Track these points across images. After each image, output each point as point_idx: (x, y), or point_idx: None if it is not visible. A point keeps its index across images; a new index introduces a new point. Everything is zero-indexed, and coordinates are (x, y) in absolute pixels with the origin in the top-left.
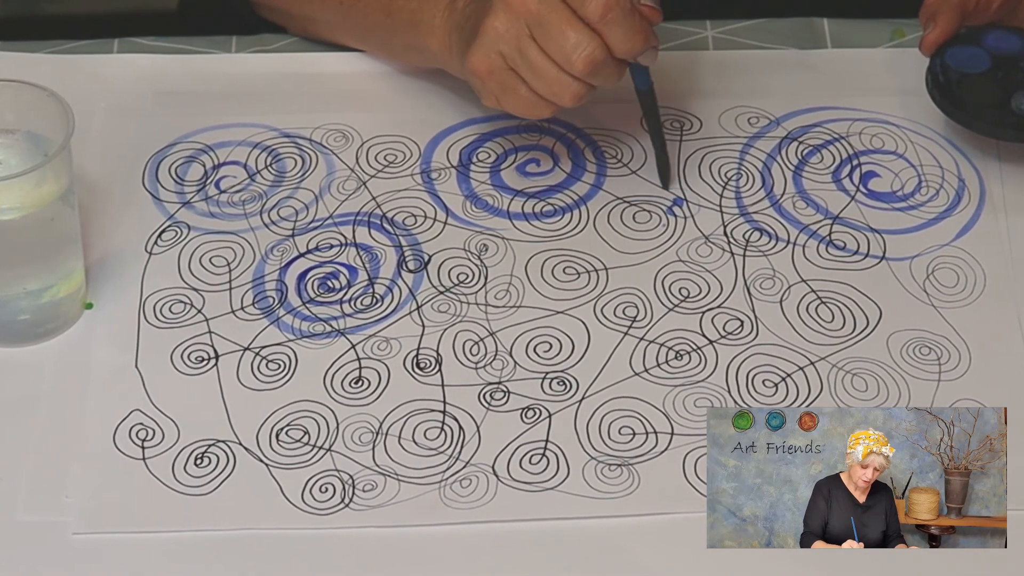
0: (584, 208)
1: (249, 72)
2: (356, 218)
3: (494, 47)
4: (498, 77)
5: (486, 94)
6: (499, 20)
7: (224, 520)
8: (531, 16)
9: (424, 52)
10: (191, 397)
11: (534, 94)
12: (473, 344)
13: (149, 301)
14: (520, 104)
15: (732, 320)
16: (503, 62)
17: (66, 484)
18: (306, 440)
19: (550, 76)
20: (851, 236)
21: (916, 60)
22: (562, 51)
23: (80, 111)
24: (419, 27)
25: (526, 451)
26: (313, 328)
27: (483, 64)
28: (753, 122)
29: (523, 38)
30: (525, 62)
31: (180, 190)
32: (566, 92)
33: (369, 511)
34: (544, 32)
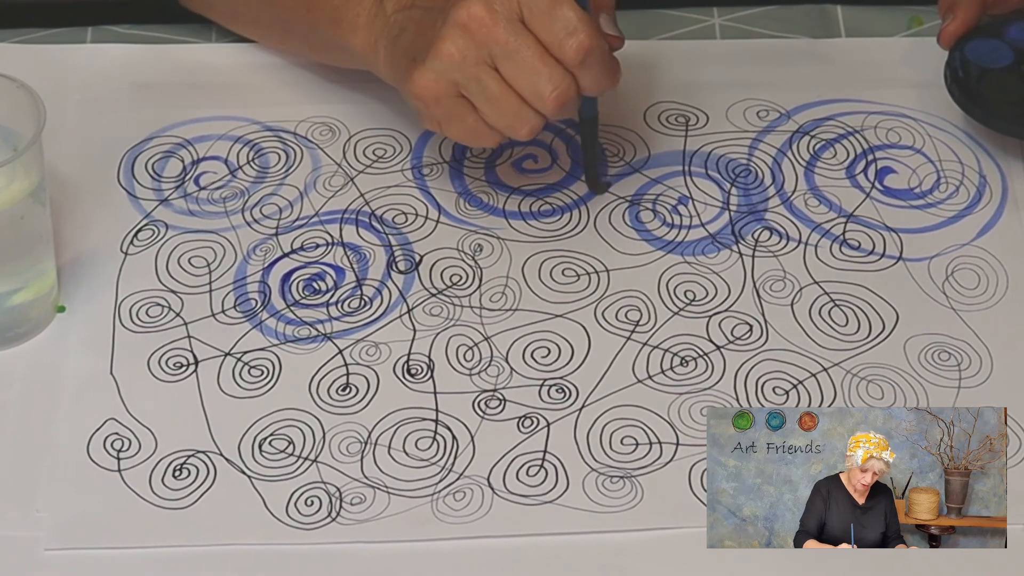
0: (584, 207)
1: (230, 62)
2: (343, 216)
3: (447, 73)
4: (446, 104)
5: (428, 118)
6: (455, 45)
7: (204, 535)
8: (497, 45)
9: (346, 51)
10: (169, 405)
11: (483, 123)
12: (467, 349)
13: (125, 304)
14: (466, 132)
15: (740, 324)
16: (454, 89)
17: (37, 498)
18: (291, 451)
19: (509, 108)
20: (866, 235)
21: (934, 50)
22: (533, 87)
23: (52, 103)
24: (341, 24)
25: (523, 462)
26: (298, 332)
27: (431, 89)
28: (763, 115)
29: (481, 66)
30: (482, 91)
31: (157, 187)
32: (524, 125)
33: (357, 526)
34: (513, 65)
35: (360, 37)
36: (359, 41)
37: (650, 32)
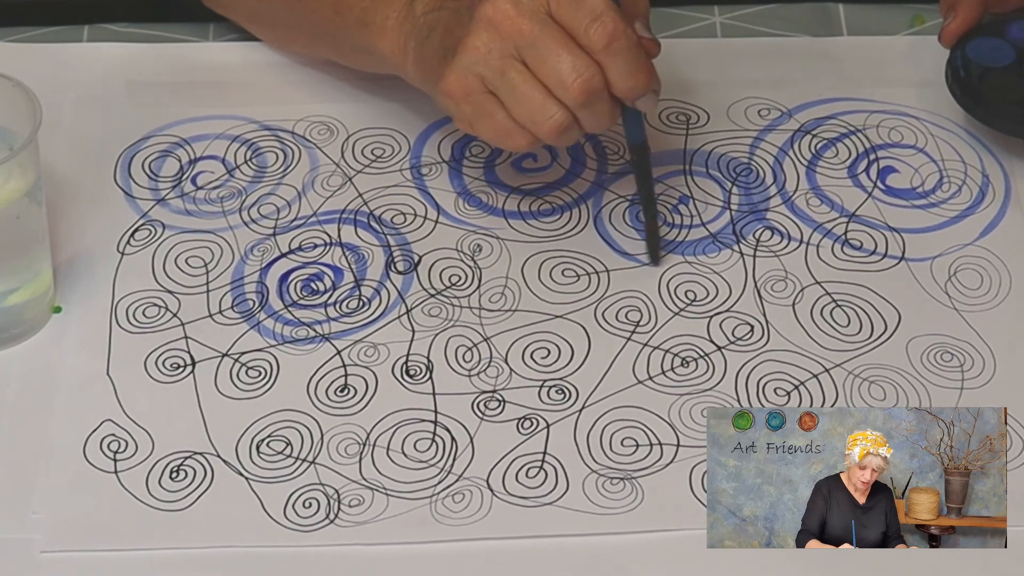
0: (584, 206)
1: (228, 61)
2: (341, 216)
3: (472, 68)
4: (474, 100)
5: (460, 117)
6: (480, 39)
7: (201, 537)
8: (522, 37)
9: (374, 55)
10: (166, 406)
11: (512, 121)
12: (466, 350)
13: (121, 304)
14: (496, 131)
15: (741, 325)
16: (481, 84)
17: (33, 499)
18: (288, 452)
19: (534, 102)
20: (868, 235)
21: (937, 49)
22: (556, 74)
23: (48, 102)
24: (370, 27)
25: (522, 464)
26: (296, 333)
27: (459, 86)
28: (764, 114)
29: (507, 59)
30: (507, 85)
31: (154, 186)
32: (547, 121)
33: (355, 528)
34: (537, 54)
35: (389, 39)
36: (388, 43)
37: (651, 30)
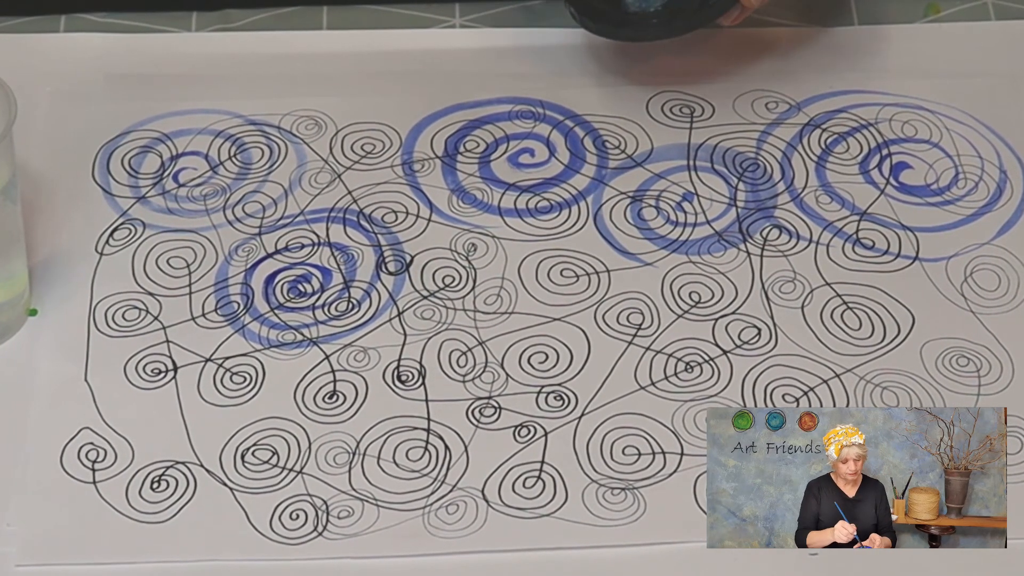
0: (583, 203)
1: (211, 52)
2: (330, 214)
3: None
4: None
5: None
6: None
7: (183, 550)
8: None
9: None
10: (147, 414)
11: None
12: (460, 354)
13: (100, 307)
14: None
15: (748, 328)
16: None
17: (7, 511)
18: (275, 461)
19: None
20: (880, 234)
21: (953, 39)
22: None
23: (23, 96)
24: None
25: (519, 473)
26: (282, 337)
27: None
28: (771, 107)
29: None
30: None
31: (134, 184)
32: None
33: (345, 540)
34: None
35: None
36: None
37: None
